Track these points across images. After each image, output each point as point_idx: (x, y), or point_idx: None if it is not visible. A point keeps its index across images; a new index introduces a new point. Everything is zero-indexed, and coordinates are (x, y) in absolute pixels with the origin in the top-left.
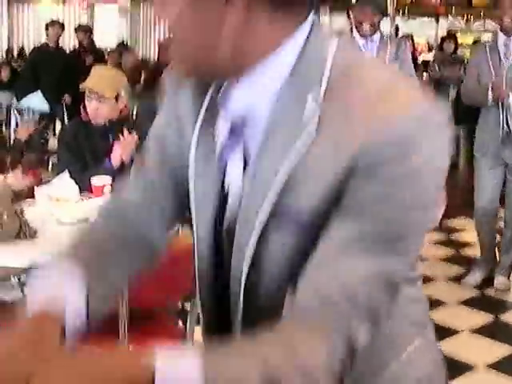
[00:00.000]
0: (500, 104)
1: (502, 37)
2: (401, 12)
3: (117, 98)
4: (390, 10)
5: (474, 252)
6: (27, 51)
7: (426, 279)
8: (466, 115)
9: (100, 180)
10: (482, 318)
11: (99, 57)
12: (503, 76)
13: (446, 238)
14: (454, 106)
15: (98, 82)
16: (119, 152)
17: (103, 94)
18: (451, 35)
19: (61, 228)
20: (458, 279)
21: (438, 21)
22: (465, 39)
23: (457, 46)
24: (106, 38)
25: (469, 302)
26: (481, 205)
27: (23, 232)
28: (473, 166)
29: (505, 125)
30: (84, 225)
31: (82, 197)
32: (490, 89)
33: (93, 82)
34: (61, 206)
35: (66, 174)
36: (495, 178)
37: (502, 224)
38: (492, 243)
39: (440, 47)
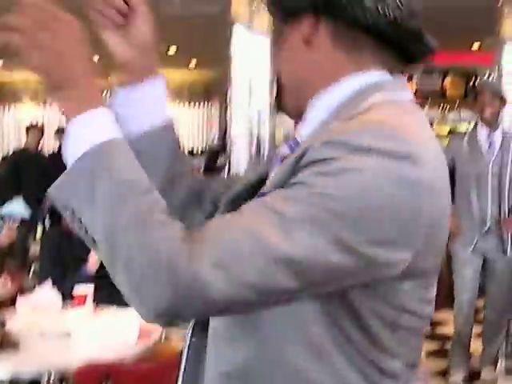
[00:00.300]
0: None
1: (483, 129)
2: None
3: None
4: None
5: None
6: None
7: None
8: None
9: (82, 289)
10: None
11: None
12: (487, 170)
13: (429, 332)
14: None
15: None
16: (95, 258)
17: None
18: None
19: (44, 339)
20: (443, 374)
21: None
22: (441, 130)
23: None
24: None
25: None
26: (460, 298)
27: (5, 343)
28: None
29: (485, 218)
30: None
31: (64, 306)
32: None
33: None
34: (44, 316)
35: (48, 283)
36: (474, 270)
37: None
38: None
39: None
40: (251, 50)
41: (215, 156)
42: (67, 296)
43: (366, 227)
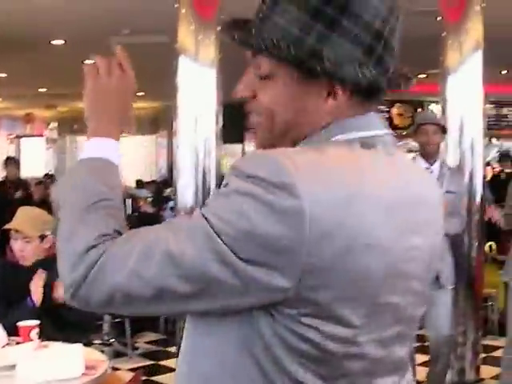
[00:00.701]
0: None
1: (422, 163)
2: None
3: (42, 237)
4: None
5: None
6: None
7: None
8: None
9: (27, 323)
10: None
11: (26, 190)
12: None
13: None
14: None
15: (22, 223)
16: (39, 291)
17: (28, 235)
18: None
19: None
20: None
21: None
22: None
23: None
24: (33, 169)
25: None
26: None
27: None
28: None
29: None
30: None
31: (9, 341)
32: None
33: (17, 223)
34: None
35: None
36: None
37: None
38: None
39: None
40: (197, 80)
41: (162, 187)
42: (11, 330)
43: (242, 247)
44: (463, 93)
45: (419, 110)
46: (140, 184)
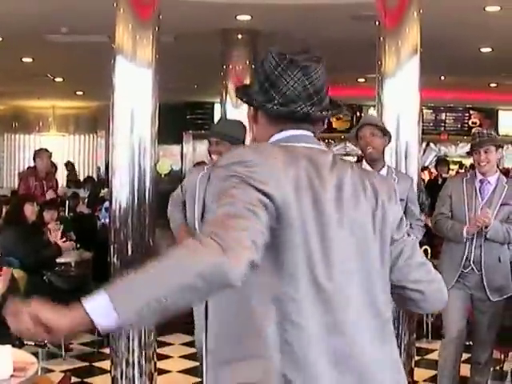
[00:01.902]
0: None
1: (367, 165)
2: None
3: None
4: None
5: None
6: None
7: None
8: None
9: None
10: None
11: None
12: None
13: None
14: None
15: None
16: None
17: None
18: None
19: None
20: None
21: None
22: None
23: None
24: None
25: None
26: (449, 337)
27: None
28: None
29: None
30: None
31: None
32: None
33: None
34: None
35: None
36: (462, 311)
37: None
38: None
39: None
40: (134, 80)
41: (99, 186)
42: None
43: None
44: (399, 97)
45: (358, 113)
46: (79, 183)
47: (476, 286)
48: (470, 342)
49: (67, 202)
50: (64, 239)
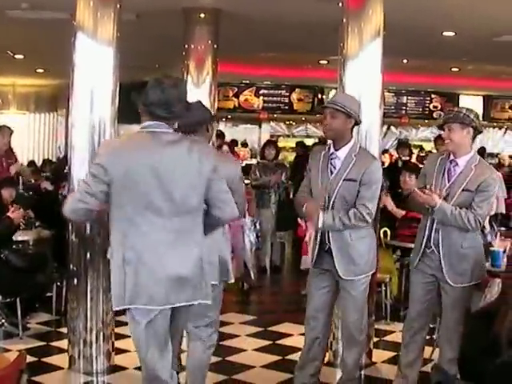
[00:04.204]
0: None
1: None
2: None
3: None
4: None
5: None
6: None
7: None
8: (287, 221)
9: None
10: None
11: None
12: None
13: (271, 344)
14: (277, 211)
15: None
16: None
17: None
18: (271, 142)
19: None
20: None
21: (260, 126)
22: (287, 143)
23: (278, 152)
24: None
25: None
26: (408, 316)
27: None
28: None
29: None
30: None
31: None
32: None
33: None
34: None
35: None
36: (424, 290)
37: None
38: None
39: (261, 154)
40: (94, 59)
41: (63, 164)
42: None
43: None
44: (361, 80)
45: (319, 95)
46: (33, 165)
47: (437, 268)
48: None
49: (20, 178)
50: (13, 211)
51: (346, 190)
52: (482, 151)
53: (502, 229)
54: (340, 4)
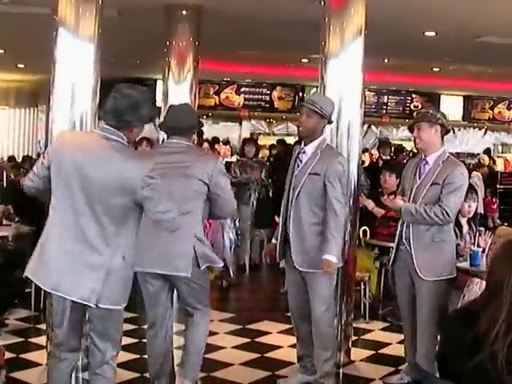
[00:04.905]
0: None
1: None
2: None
3: None
4: None
5: (280, 355)
6: None
7: None
8: (266, 219)
9: None
10: None
11: None
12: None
13: (250, 342)
14: (256, 209)
15: None
16: None
17: None
18: (251, 139)
19: None
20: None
21: (241, 124)
22: (267, 141)
23: (258, 149)
24: None
25: None
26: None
27: None
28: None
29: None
30: None
31: None
32: None
33: None
34: None
35: None
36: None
37: None
38: None
39: (241, 151)
40: (76, 54)
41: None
42: None
43: None
44: (343, 78)
45: (300, 94)
46: (13, 160)
47: (410, 264)
48: None
49: (4, 173)
50: None
51: (311, 183)
52: (487, 151)
53: (481, 229)
54: (322, 3)
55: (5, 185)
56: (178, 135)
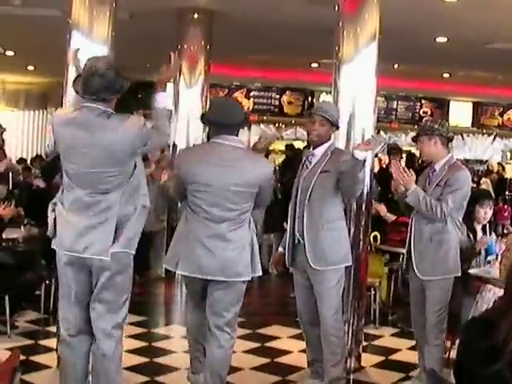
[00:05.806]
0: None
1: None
2: None
3: None
4: None
5: (290, 360)
6: None
7: None
8: (276, 223)
9: None
10: None
11: None
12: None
13: (260, 347)
14: (264, 213)
15: None
16: None
17: None
18: None
19: None
20: None
21: (250, 129)
22: (276, 146)
23: (267, 153)
24: None
25: None
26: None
27: None
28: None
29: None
30: None
31: None
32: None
33: None
34: None
35: None
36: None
37: None
38: None
39: None
40: (89, 57)
41: (55, 161)
42: None
43: None
44: (356, 84)
45: (310, 98)
46: (23, 162)
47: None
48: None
49: (10, 174)
50: (4, 207)
51: (323, 181)
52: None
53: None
54: (336, 8)
55: (10, 187)
56: (228, 133)
